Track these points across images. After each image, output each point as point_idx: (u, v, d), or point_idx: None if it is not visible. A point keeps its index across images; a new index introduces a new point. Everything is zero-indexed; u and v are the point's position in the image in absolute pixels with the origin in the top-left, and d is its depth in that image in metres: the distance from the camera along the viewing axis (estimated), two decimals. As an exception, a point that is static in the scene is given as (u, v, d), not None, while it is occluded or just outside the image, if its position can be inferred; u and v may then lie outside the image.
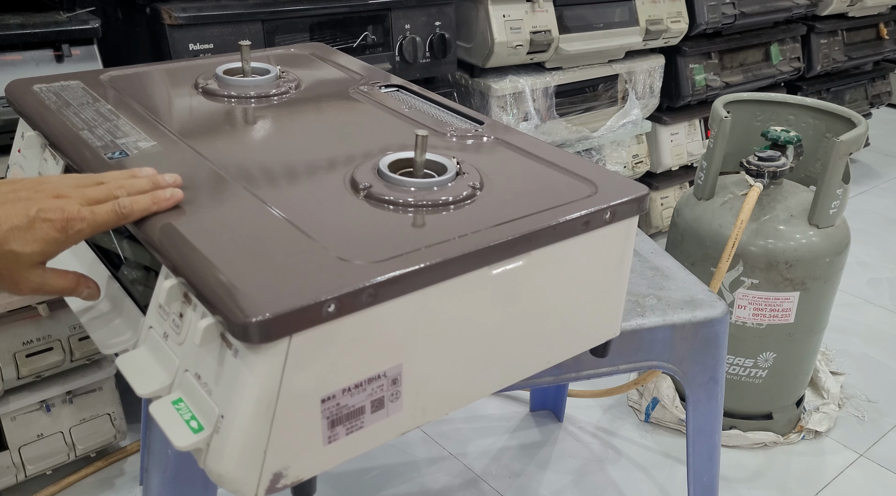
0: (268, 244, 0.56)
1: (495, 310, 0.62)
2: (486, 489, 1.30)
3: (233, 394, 0.51)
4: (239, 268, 0.53)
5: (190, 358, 0.55)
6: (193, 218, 0.59)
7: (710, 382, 0.97)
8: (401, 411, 0.60)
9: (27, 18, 1.04)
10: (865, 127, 1.25)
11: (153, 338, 0.58)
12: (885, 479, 1.36)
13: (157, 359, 0.58)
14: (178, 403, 0.55)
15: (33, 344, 1.13)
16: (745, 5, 2.01)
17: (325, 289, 0.51)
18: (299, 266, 0.54)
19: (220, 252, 0.54)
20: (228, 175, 0.66)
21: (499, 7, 1.55)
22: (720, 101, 1.34)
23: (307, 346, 0.51)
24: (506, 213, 0.63)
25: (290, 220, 0.60)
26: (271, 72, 0.89)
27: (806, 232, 1.26)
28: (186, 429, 0.53)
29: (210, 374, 0.53)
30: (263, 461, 0.53)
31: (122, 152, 0.69)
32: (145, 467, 0.79)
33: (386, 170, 0.67)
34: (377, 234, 0.59)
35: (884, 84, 2.69)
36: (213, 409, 0.52)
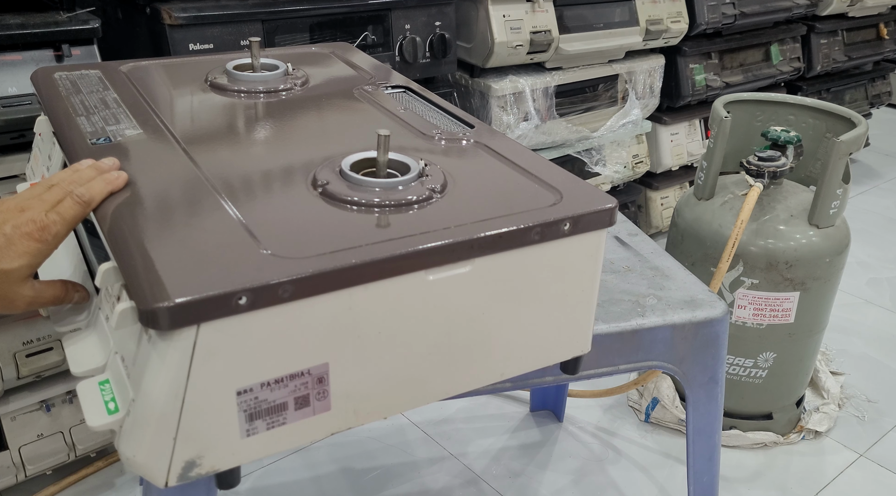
0: (204, 235, 0.57)
1: (434, 317, 0.61)
2: (486, 489, 1.30)
3: (143, 378, 0.52)
4: (163, 256, 0.53)
5: (118, 340, 0.57)
6: (141, 205, 0.60)
7: (710, 382, 0.97)
8: (329, 411, 0.59)
9: (27, 18, 1.04)
10: (865, 127, 1.25)
11: (99, 322, 0.60)
12: (885, 479, 1.36)
13: (101, 342, 0.59)
14: (104, 384, 0.56)
15: (33, 344, 1.13)
16: (745, 5, 2.01)
17: (238, 281, 0.51)
18: (223, 257, 0.54)
19: (153, 238, 0.55)
20: (198, 167, 0.67)
21: (499, 7, 1.55)
22: (720, 101, 1.34)
23: (217, 337, 0.51)
24: (456, 217, 0.61)
25: (239, 214, 0.60)
26: (280, 68, 0.91)
27: (806, 232, 1.26)
28: (102, 410, 0.54)
29: (130, 358, 0.54)
30: (174, 448, 0.53)
31: (106, 139, 0.70)
32: (145, 467, 0.79)
33: (347, 168, 0.66)
34: (319, 232, 0.59)
35: (884, 84, 2.69)
36: (127, 393, 0.54)
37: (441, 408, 1.47)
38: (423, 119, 0.83)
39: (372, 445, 1.37)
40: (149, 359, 0.52)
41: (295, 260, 0.54)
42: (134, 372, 0.53)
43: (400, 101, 0.88)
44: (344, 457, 1.34)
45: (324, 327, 0.55)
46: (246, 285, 0.51)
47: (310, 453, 1.35)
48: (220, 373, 0.53)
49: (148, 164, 0.67)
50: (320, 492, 1.28)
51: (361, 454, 1.35)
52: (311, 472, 1.31)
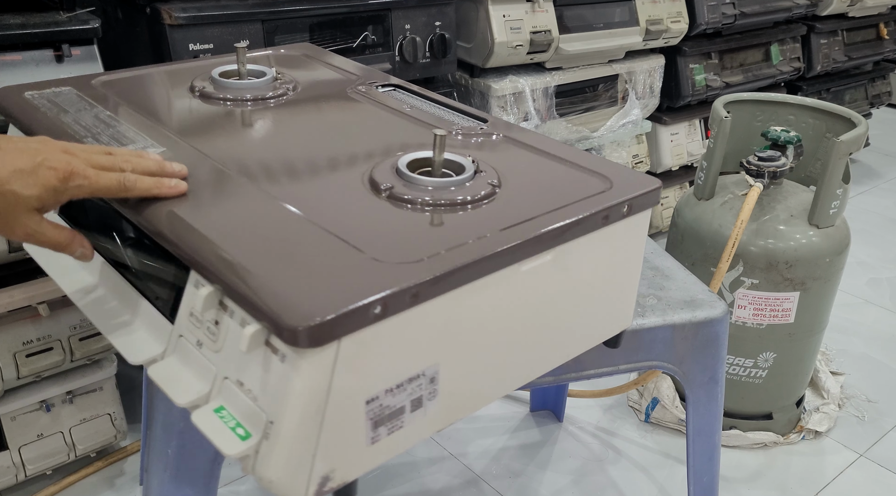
0: (299, 247, 0.57)
1: (523, 306, 0.63)
2: (486, 489, 1.30)
3: (282, 399, 0.51)
4: (278, 273, 0.53)
5: (229, 365, 0.55)
6: (221, 225, 0.59)
7: (710, 382, 0.97)
8: (436, 409, 0.61)
9: (27, 18, 1.04)
10: (865, 127, 1.25)
11: (185, 347, 0.58)
12: (885, 479, 1.36)
13: (191, 368, 0.57)
14: (221, 411, 0.55)
15: (33, 344, 1.13)
16: (745, 5, 2.01)
17: (371, 291, 0.51)
18: (337, 268, 0.54)
19: (254, 258, 0.55)
20: (246, 179, 0.66)
21: (499, 7, 1.55)
22: (720, 101, 1.34)
23: (354, 349, 0.52)
24: (528, 209, 0.64)
25: (315, 221, 0.60)
26: (268, 74, 0.89)
27: (806, 232, 1.26)
28: (234, 437, 0.53)
29: (254, 381, 0.53)
30: (312, 465, 0.53)
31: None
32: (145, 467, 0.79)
33: (406, 170, 0.68)
34: (405, 235, 0.60)
35: (884, 84, 2.69)
36: (260, 416, 0.52)
37: (441, 408, 1.47)
38: (434, 116, 0.84)
39: (372, 445, 1.38)
40: (287, 380, 0.51)
41: (409, 265, 0.55)
42: (266, 394, 0.52)
43: (400, 99, 0.88)
44: (344, 457, 1.35)
45: (436, 328, 0.57)
46: (379, 294, 0.51)
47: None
48: (354, 384, 0.53)
49: (200, 183, 0.64)
50: (320, 492, 1.28)
51: (361, 454, 1.35)
52: (311, 472, 1.31)
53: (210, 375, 0.56)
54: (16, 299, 1.08)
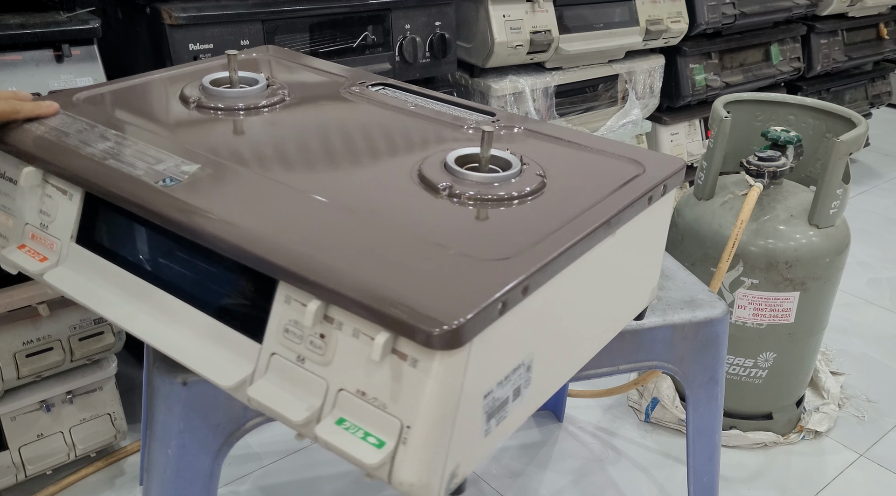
0: (392, 252, 0.57)
1: (589, 288, 0.67)
2: (486, 489, 1.30)
3: (418, 403, 0.52)
4: (394, 280, 0.54)
5: (344, 377, 0.55)
6: (304, 237, 0.58)
7: (710, 382, 0.97)
8: (529, 397, 0.63)
9: (27, 18, 1.04)
10: (865, 127, 1.25)
11: (281, 365, 0.58)
12: (885, 479, 1.36)
13: (294, 385, 0.57)
14: (343, 423, 0.55)
15: (33, 344, 1.13)
16: (745, 5, 2.01)
17: (494, 289, 0.53)
18: (445, 270, 0.56)
19: (359, 266, 0.55)
20: (298, 190, 0.66)
21: (499, 7, 1.55)
22: (720, 101, 1.34)
23: (481, 347, 0.53)
24: (583, 197, 0.68)
25: (389, 225, 0.61)
26: (259, 81, 0.87)
27: (806, 232, 1.26)
28: (368, 446, 0.54)
29: (381, 389, 0.53)
30: (445, 464, 0.54)
31: (171, 179, 0.66)
32: (145, 467, 0.79)
33: (457, 167, 0.69)
34: (485, 231, 0.62)
35: (884, 84, 2.69)
36: (392, 422, 0.53)
37: (441, 408, 1.47)
38: (442, 113, 0.85)
39: (372, 445, 1.37)
40: (424, 384, 0.51)
41: (511, 260, 0.57)
42: (399, 400, 0.53)
43: (399, 98, 0.89)
44: (344, 457, 1.35)
45: (534, 319, 0.59)
46: (501, 291, 0.53)
47: (310, 453, 1.35)
48: (478, 381, 0.55)
49: (256, 198, 0.64)
50: (320, 492, 1.28)
51: (361, 454, 1.35)
52: (311, 472, 1.31)
53: (320, 389, 0.55)
54: (16, 299, 1.08)
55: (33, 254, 0.71)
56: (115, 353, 1.23)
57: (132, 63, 1.29)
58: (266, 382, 0.58)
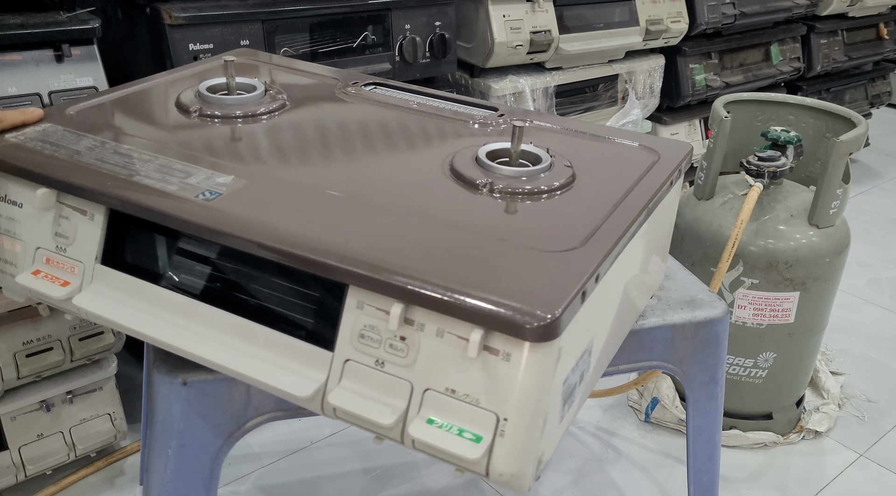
0: (459, 250, 0.59)
1: (629, 272, 0.70)
2: (486, 489, 1.30)
3: (513, 396, 0.53)
4: (476, 278, 0.55)
5: (430, 376, 0.55)
6: (368, 242, 0.59)
7: (710, 382, 0.97)
8: (587, 381, 0.65)
9: (27, 18, 1.04)
10: (865, 127, 1.25)
11: (357, 370, 0.58)
12: (885, 479, 1.36)
13: (374, 389, 0.57)
14: (433, 423, 0.56)
15: (33, 344, 1.13)
16: (745, 5, 2.01)
17: (576, 280, 0.55)
18: (520, 264, 0.57)
19: (439, 268, 0.56)
20: (345, 194, 0.66)
21: (499, 7, 1.55)
22: (720, 101, 1.34)
23: (567, 337, 0.55)
24: (615, 185, 0.71)
25: (443, 223, 0.62)
26: (257, 87, 0.86)
27: (806, 232, 1.26)
28: (467, 442, 0.54)
29: (472, 385, 0.54)
30: (536, 451, 0.56)
31: (210, 192, 0.64)
32: (145, 467, 0.79)
33: (490, 161, 0.72)
34: (538, 223, 0.64)
35: (884, 84, 2.69)
36: (487, 417, 0.54)
37: (441, 408, 1.47)
38: (445, 109, 0.86)
39: (372, 445, 1.37)
40: (518, 377, 0.53)
41: (578, 250, 0.60)
42: (494, 394, 0.54)
43: (397, 97, 0.89)
44: (344, 457, 1.34)
45: (597, 304, 0.61)
46: (581, 281, 0.55)
47: (310, 453, 1.35)
48: (562, 369, 0.57)
49: (301, 205, 0.64)
50: (320, 492, 1.28)
51: (361, 454, 1.35)
52: (311, 472, 1.31)
53: (404, 391, 0.56)
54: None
55: (52, 279, 0.68)
56: (115, 353, 1.23)
57: (132, 63, 1.29)
58: (344, 389, 0.58)
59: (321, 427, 1.40)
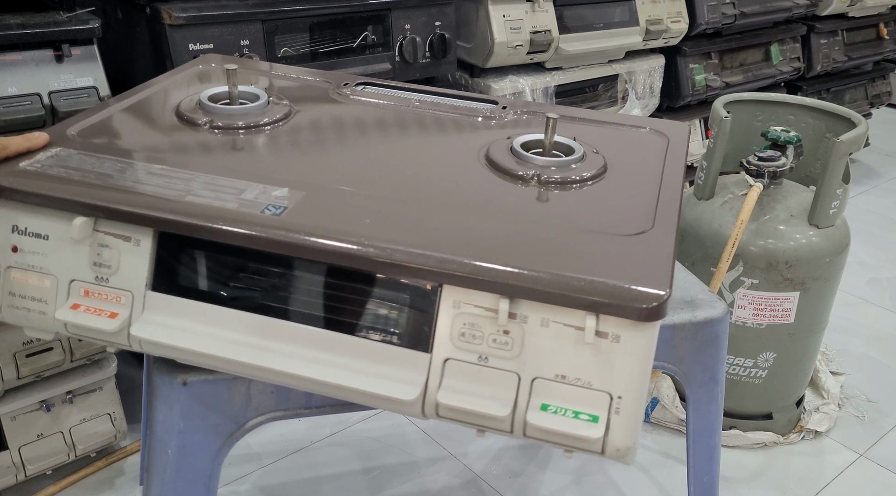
0: (543, 240, 0.61)
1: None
2: (486, 489, 1.30)
3: (626, 374, 0.57)
4: (573, 266, 0.58)
5: (537, 365, 0.58)
6: (460, 241, 0.60)
7: (710, 382, 0.97)
8: None
9: (27, 18, 1.04)
10: (865, 127, 1.25)
11: (459, 368, 0.59)
12: (885, 479, 1.36)
13: (479, 383, 0.59)
14: (547, 409, 0.58)
15: (33, 344, 1.13)
16: (745, 5, 2.01)
17: (667, 260, 0.60)
18: (604, 251, 0.61)
19: (533, 260, 0.58)
20: (404, 197, 0.67)
21: (499, 7, 1.55)
22: (720, 101, 1.34)
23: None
24: (644, 169, 0.76)
25: (517, 216, 0.66)
26: (260, 96, 0.84)
27: (806, 232, 1.26)
28: (585, 423, 0.57)
29: (583, 369, 0.57)
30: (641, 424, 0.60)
31: (274, 207, 0.63)
32: (145, 467, 0.79)
33: (528, 153, 0.75)
34: (600, 209, 0.69)
35: (884, 84, 2.69)
36: (601, 397, 0.57)
37: (441, 408, 1.47)
38: (446, 104, 0.87)
39: (372, 445, 1.37)
40: (629, 356, 0.56)
41: (649, 232, 0.64)
42: (606, 375, 0.57)
43: (394, 95, 0.90)
44: (344, 457, 1.34)
45: None
46: (671, 261, 0.60)
47: (310, 453, 1.35)
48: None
49: (377, 212, 0.64)
50: (320, 492, 1.28)
51: (361, 454, 1.35)
52: (311, 472, 1.31)
53: (512, 382, 0.58)
54: (16, 299, 1.08)
55: (97, 312, 0.64)
56: (114, 353, 1.23)
57: (132, 63, 1.29)
58: (448, 389, 0.59)
59: (321, 427, 1.40)
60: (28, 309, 0.66)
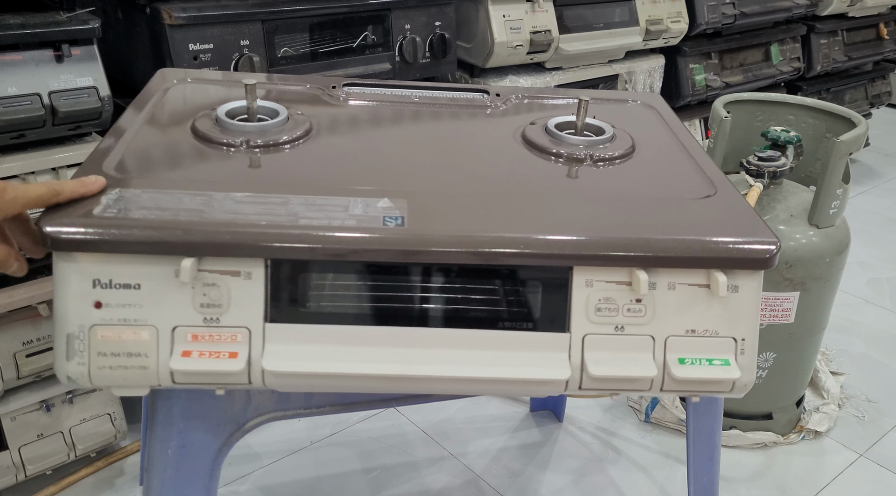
0: (639, 213, 0.68)
1: None
2: (486, 489, 1.30)
3: (746, 319, 0.65)
4: (692, 231, 0.65)
5: (669, 325, 0.65)
6: (579, 223, 0.66)
7: (710, 382, 0.97)
8: None
9: (27, 18, 1.04)
10: (865, 127, 1.25)
11: (598, 341, 0.64)
12: (885, 479, 1.36)
13: (618, 351, 0.65)
14: (684, 362, 0.65)
15: (33, 344, 1.13)
16: (745, 5, 2.01)
17: (754, 215, 0.69)
18: (703, 212, 0.69)
19: (654, 231, 0.64)
20: (497, 190, 0.72)
21: (499, 7, 1.55)
22: (720, 101, 1.34)
23: None
24: (661, 139, 0.85)
25: (604, 195, 0.72)
26: (280, 112, 0.82)
27: (806, 232, 1.26)
28: (721, 368, 0.65)
29: (709, 321, 0.65)
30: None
31: (392, 218, 0.63)
32: (145, 467, 0.79)
33: (568, 135, 0.82)
34: (655, 180, 0.76)
35: (884, 84, 2.69)
36: (727, 342, 0.65)
37: (441, 408, 1.47)
38: (444, 99, 0.90)
39: (372, 445, 1.37)
40: (745, 303, 0.65)
41: (718, 193, 0.73)
42: (730, 323, 0.65)
43: (389, 94, 0.92)
44: (344, 457, 1.34)
45: None
46: (758, 215, 0.70)
47: (310, 453, 1.35)
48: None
49: (485, 210, 0.67)
50: (320, 492, 1.28)
51: (361, 454, 1.35)
52: (312, 472, 1.31)
53: (647, 345, 0.65)
54: (16, 299, 1.08)
55: (213, 355, 0.61)
56: (115, 353, 1.23)
57: (132, 63, 1.29)
58: (593, 361, 0.64)
59: (321, 427, 1.40)
60: (125, 367, 0.62)
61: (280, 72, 1.27)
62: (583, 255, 0.62)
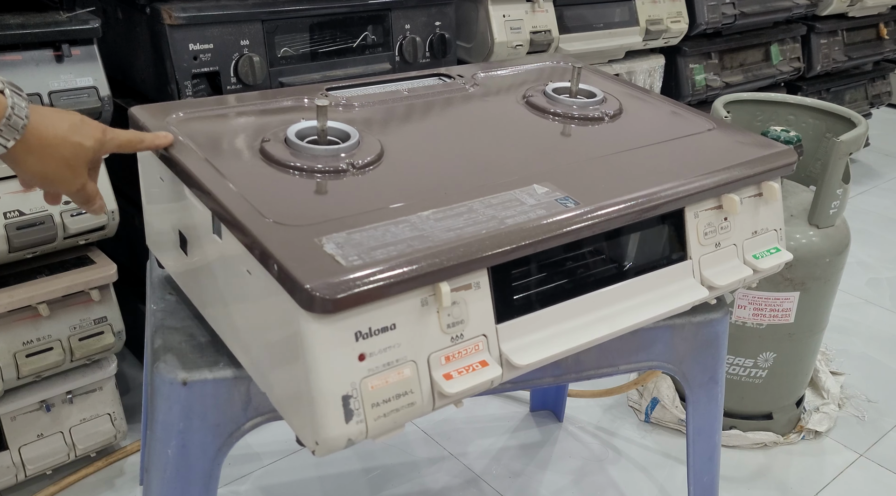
0: (692, 154, 0.84)
1: None
2: (486, 489, 1.30)
3: (777, 213, 0.87)
4: (739, 158, 0.84)
5: (742, 230, 0.84)
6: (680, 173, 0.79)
7: (710, 382, 0.97)
8: None
9: (27, 18, 1.04)
10: (865, 127, 1.25)
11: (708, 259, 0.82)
12: (885, 479, 1.36)
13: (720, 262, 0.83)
14: (756, 256, 0.85)
15: (33, 344, 1.13)
16: (745, 5, 2.01)
17: (760, 137, 0.91)
18: (733, 151, 0.85)
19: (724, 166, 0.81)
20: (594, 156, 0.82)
21: (499, 7, 1.55)
22: (720, 101, 1.34)
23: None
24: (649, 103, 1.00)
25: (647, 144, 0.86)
26: (351, 134, 0.79)
27: (806, 232, 1.26)
28: (776, 255, 0.86)
29: (761, 221, 0.85)
30: None
31: (566, 199, 0.71)
32: (145, 467, 0.79)
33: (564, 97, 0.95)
34: (654, 125, 0.92)
35: (884, 84, 2.69)
36: (774, 234, 0.87)
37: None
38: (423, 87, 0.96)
39: (372, 445, 1.37)
40: (775, 201, 0.86)
41: (716, 130, 0.91)
42: (769, 220, 0.87)
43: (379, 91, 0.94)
44: (344, 457, 1.34)
45: None
46: (761, 137, 0.92)
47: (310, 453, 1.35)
48: None
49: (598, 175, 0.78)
50: (320, 491, 1.28)
51: (361, 454, 1.35)
52: (312, 472, 1.31)
53: (733, 251, 0.83)
54: (16, 299, 1.08)
55: (470, 370, 0.63)
56: (115, 353, 1.23)
57: (132, 63, 1.29)
58: (711, 274, 0.81)
59: (321, 427, 1.40)
60: (396, 409, 0.61)
61: (280, 72, 1.27)
62: (690, 196, 0.76)
